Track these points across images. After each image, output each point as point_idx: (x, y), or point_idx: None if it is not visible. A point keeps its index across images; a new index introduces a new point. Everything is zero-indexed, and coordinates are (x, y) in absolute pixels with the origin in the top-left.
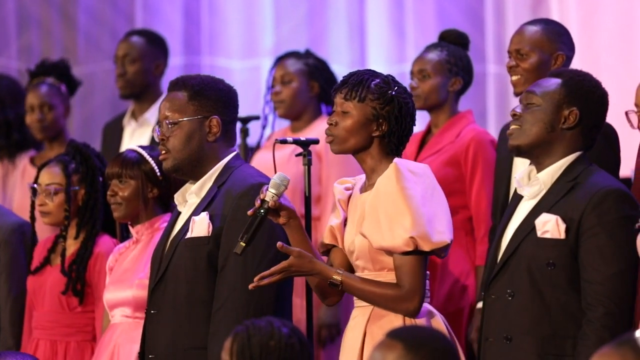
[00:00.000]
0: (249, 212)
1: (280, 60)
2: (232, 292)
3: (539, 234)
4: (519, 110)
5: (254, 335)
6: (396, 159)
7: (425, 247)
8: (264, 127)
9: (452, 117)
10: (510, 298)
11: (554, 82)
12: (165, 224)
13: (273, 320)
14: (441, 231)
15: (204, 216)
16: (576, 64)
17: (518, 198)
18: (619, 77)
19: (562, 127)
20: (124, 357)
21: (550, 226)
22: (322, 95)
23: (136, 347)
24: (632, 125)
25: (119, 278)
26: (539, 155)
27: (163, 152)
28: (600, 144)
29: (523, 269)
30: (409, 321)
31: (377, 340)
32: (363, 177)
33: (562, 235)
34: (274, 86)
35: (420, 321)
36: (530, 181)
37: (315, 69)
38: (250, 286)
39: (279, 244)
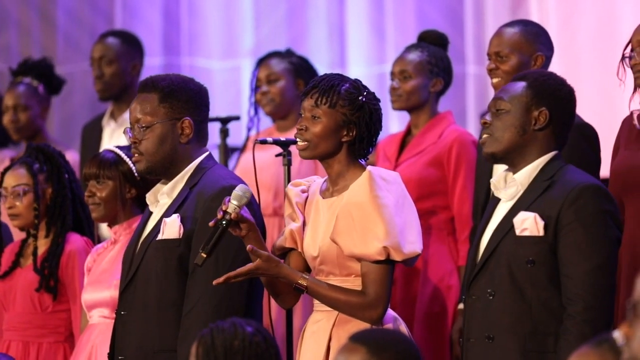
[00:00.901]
0: (211, 223)
1: (263, 61)
2: (202, 296)
3: (517, 232)
4: (488, 118)
5: (218, 336)
6: (369, 167)
7: (397, 257)
8: (249, 129)
9: (433, 117)
10: (491, 298)
11: (519, 86)
12: None
13: (236, 321)
14: (412, 241)
15: (175, 218)
16: (556, 64)
17: (496, 200)
18: (598, 77)
19: (533, 128)
20: (101, 358)
21: (528, 224)
22: None
23: None
24: (637, 125)
25: (97, 279)
26: (514, 159)
27: (135, 154)
28: (581, 144)
29: (503, 268)
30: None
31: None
32: (317, 179)
33: (541, 232)
34: (260, 87)
35: (387, 326)
36: (506, 184)
37: (300, 67)
38: (215, 282)
39: (248, 246)
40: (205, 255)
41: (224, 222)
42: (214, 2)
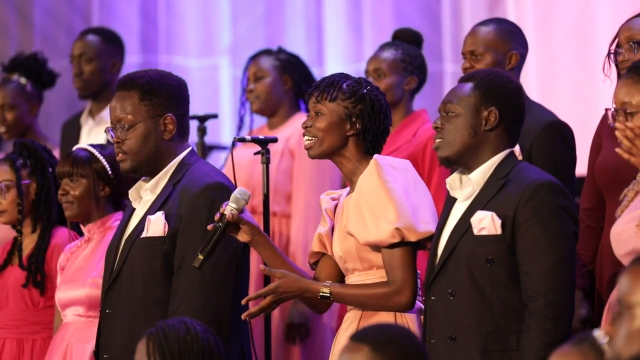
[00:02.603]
0: (209, 227)
1: (252, 59)
2: (188, 295)
3: (475, 231)
4: (439, 122)
5: (170, 332)
6: (376, 155)
7: (412, 238)
8: (239, 128)
9: (408, 116)
10: (451, 298)
11: (467, 87)
12: (117, 223)
13: (185, 320)
14: (427, 221)
15: (160, 216)
16: (532, 63)
17: (452, 200)
18: (575, 77)
19: (484, 129)
20: (76, 357)
21: (486, 223)
22: (297, 90)
23: (89, 347)
24: (611, 123)
25: (71, 277)
26: (468, 161)
27: (119, 154)
28: (557, 142)
29: (462, 268)
30: (401, 320)
31: None
32: (347, 189)
33: (499, 231)
34: (249, 85)
35: (412, 317)
36: (462, 183)
37: (287, 64)
38: (243, 316)
39: (261, 266)
40: (202, 258)
41: (220, 225)
42: (191, 0)
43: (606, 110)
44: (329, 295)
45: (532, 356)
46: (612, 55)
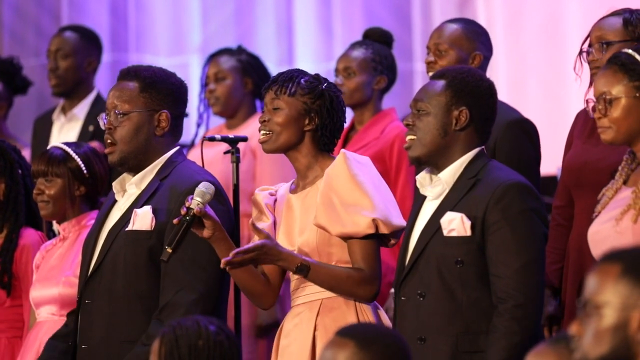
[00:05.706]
0: (175, 221)
1: (213, 58)
2: (179, 290)
3: (445, 232)
4: (410, 119)
5: (182, 336)
6: (344, 150)
7: (386, 230)
8: (198, 125)
9: (376, 114)
10: (421, 299)
11: (439, 85)
12: (92, 222)
13: (199, 319)
14: (398, 215)
15: (148, 210)
16: (502, 63)
17: (422, 198)
18: (544, 77)
19: (455, 129)
20: None
21: (455, 224)
22: (256, 92)
23: None
24: (590, 114)
25: (45, 276)
26: (438, 161)
27: (109, 141)
28: (521, 140)
29: (432, 268)
30: (362, 315)
31: (330, 332)
32: (284, 184)
33: (468, 233)
34: (208, 84)
35: (369, 314)
36: (432, 181)
37: (248, 65)
38: (222, 263)
39: (250, 221)
40: (170, 251)
41: (187, 218)
42: None
43: (587, 101)
44: (307, 267)
45: (496, 356)
46: (584, 54)
